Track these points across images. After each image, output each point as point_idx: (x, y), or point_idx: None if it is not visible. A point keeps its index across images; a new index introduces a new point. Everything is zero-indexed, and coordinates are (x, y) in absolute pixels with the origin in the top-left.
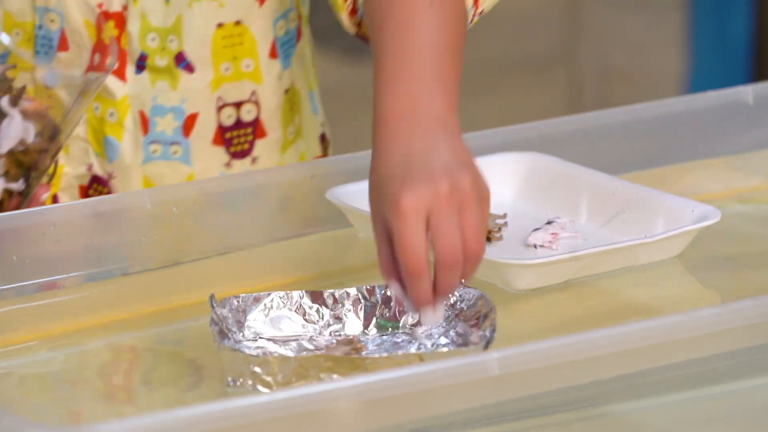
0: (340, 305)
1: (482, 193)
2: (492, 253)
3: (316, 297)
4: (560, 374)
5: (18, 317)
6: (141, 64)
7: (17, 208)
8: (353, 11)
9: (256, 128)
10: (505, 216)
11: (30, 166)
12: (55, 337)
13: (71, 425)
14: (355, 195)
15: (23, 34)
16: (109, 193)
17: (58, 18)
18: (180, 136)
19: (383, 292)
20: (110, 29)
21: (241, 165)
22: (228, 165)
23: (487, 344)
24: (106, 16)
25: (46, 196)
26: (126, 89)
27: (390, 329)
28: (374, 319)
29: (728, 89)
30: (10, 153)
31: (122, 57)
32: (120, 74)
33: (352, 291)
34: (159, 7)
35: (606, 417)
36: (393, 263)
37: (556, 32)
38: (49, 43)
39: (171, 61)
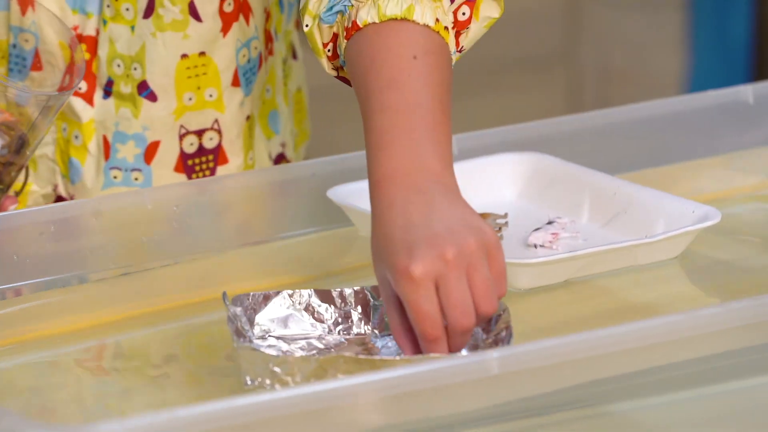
0: (349, 304)
1: (490, 245)
2: (508, 252)
3: (325, 295)
4: (560, 374)
5: (18, 316)
6: (108, 90)
7: None
8: (334, 56)
9: (218, 155)
10: (505, 216)
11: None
12: (57, 335)
13: (72, 424)
14: (356, 194)
15: None
16: None
17: (33, 38)
18: (141, 163)
19: None
20: (82, 52)
21: None
22: None
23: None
24: (79, 39)
25: (13, 207)
26: (92, 113)
27: None
28: (384, 318)
29: (728, 89)
30: None
31: (92, 81)
32: (88, 98)
33: (360, 290)
34: (125, 33)
35: (606, 416)
36: (404, 325)
37: (556, 32)
38: (23, 62)
39: (134, 89)
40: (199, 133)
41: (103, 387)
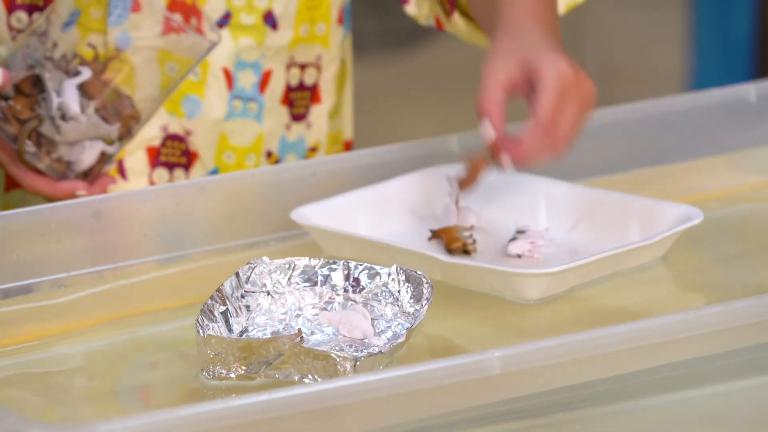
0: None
1: None
2: (494, 263)
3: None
4: (562, 373)
5: (19, 316)
6: (222, 23)
7: (98, 174)
8: None
9: (313, 93)
10: (471, 228)
11: (123, 132)
12: (57, 335)
13: (72, 424)
14: (319, 214)
15: None
16: (186, 149)
17: None
18: (257, 93)
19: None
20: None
21: (297, 128)
22: (288, 127)
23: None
24: None
25: (112, 186)
26: None
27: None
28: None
29: (731, 87)
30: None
31: (198, 16)
32: (198, 32)
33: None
34: None
35: (606, 417)
36: (498, 104)
37: (559, 30)
38: (123, 4)
39: (259, 18)
40: (302, 67)
41: (104, 387)
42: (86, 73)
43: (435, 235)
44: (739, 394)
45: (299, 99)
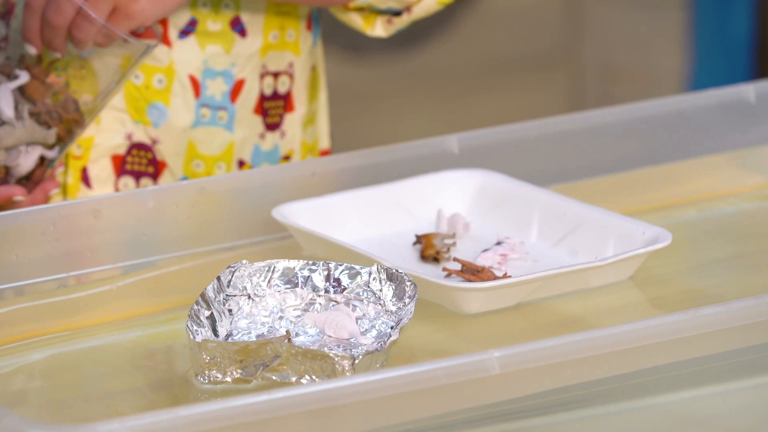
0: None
1: None
2: (441, 275)
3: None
4: (561, 373)
5: (18, 316)
6: (188, 29)
7: (40, 178)
8: None
9: (286, 102)
10: (453, 236)
11: (64, 135)
12: (57, 335)
13: (71, 425)
14: (300, 212)
15: None
16: (153, 158)
17: None
18: (227, 102)
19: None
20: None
21: (272, 137)
22: (262, 136)
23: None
24: None
25: (55, 191)
26: (172, 55)
27: None
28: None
29: (730, 87)
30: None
31: (164, 23)
32: (164, 40)
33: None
34: None
35: (607, 416)
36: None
37: (558, 30)
38: None
39: (226, 25)
40: (275, 75)
41: (104, 387)
42: (24, 77)
43: (418, 240)
44: (739, 394)
45: (273, 108)
